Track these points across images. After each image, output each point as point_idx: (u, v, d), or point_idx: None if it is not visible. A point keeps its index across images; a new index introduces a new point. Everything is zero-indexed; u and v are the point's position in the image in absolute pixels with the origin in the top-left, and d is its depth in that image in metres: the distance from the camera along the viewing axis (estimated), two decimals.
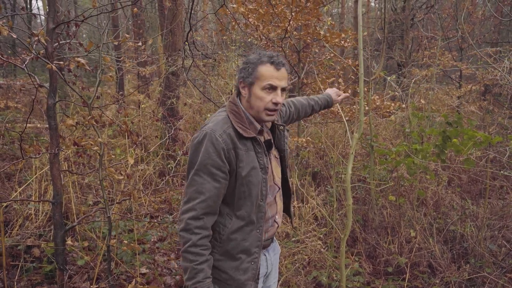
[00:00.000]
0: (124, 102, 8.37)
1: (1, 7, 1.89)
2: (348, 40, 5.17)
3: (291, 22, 4.69)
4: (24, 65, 2.09)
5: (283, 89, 1.71)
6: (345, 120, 2.91)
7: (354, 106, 5.50)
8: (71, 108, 6.62)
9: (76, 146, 2.27)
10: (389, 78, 5.04)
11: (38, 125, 7.22)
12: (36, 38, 1.91)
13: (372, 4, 19.95)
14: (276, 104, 1.68)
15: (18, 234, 3.59)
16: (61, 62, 2.13)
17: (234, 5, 4.65)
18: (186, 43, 3.30)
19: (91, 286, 3.04)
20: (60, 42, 2.47)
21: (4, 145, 6.06)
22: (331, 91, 2.49)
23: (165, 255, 3.79)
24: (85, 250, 3.56)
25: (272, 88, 1.67)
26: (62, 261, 2.59)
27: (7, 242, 3.31)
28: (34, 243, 3.46)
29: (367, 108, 4.45)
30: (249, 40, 6.33)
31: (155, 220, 4.50)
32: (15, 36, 1.84)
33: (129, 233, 3.99)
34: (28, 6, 15.62)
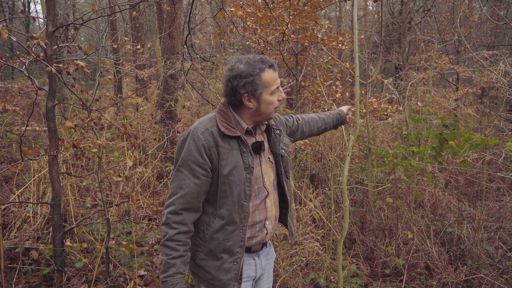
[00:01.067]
0: (123, 105, 8.38)
1: (1, 10, 1.91)
2: (345, 43, 5.20)
3: (289, 26, 4.72)
4: (24, 67, 2.10)
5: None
6: None
7: (352, 109, 5.52)
8: (70, 111, 6.63)
9: (75, 148, 2.29)
10: (386, 80, 5.07)
11: (37, 128, 7.22)
12: (36, 41, 1.93)
13: (370, 7, 20.06)
14: (280, 100, 1.78)
15: (16, 236, 3.59)
16: (61, 65, 2.14)
17: (232, 9, 4.68)
18: (185, 46, 3.32)
19: None
20: (60, 45, 2.48)
21: (2, 148, 6.06)
22: (344, 107, 2.53)
23: None
24: (83, 252, 3.57)
25: (277, 88, 1.76)
26: (61, 262, 2.59)
27: (5, 245, 3.32)
28: (32, 246, 3.46)
29: (364, 110, 4.48)
30: (247, 43, 6.37)
31: (154, 222, 4.50)
32: (15, 39, 1.86)
33: (127, 236, 4.00)
34: (26, 10, 15.65)
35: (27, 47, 1.93)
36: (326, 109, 5.34)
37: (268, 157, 1.85)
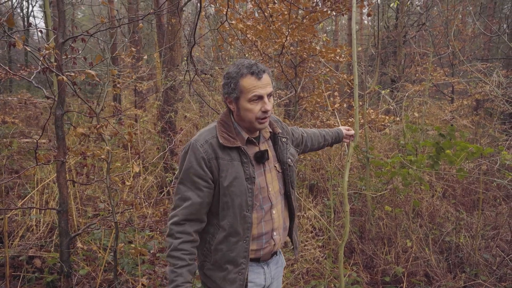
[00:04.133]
0: (124, 116, 8.45)
1: (14, 23, 1.99)
2: (342, 55, 5.33)
3: (288, 38, 4.84)
4: (33, 75, 2.18)
5: (269, 95, 1.70)
6: None
7: (350, 119, 5.63)
8: (73, 120, 6.70)
9: (83, 155, 2.34)
10: (383, 91, 5.17)
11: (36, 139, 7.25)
12: (49, 51, 2.01)
13: (366, 21, 20.41)
14: (265, 112, 1.68)
15: (19, 244, 3.62)
16: (73, 74, 2.22)
17: (233, 22, 4.80)
18: (188, 57, 3.41)
19: None
20: (68, 56, 2.56)
21: (4, 158, 6.10)
22: (342, 127, 2.55)
23: (165, 266, 3.82)
24: (85, 261, 3.59)
25: (259, 98, 1.67)
26: (68, 267, 2.62)
27: (9, 253, 3.34)
28: (35, 254, 3.49)
29: (362, 121, 4.57)
30: (247, 55, 6.49)
31: (157, 230, 4.53)
32: (28, 49, 1.93)
33: (130, 244, 4.02)
34: (26, 24, 15.88)
35: (40, 57, 2.00)
36: (324, 120, 5.43)
37: (275, 166, 1.84)
